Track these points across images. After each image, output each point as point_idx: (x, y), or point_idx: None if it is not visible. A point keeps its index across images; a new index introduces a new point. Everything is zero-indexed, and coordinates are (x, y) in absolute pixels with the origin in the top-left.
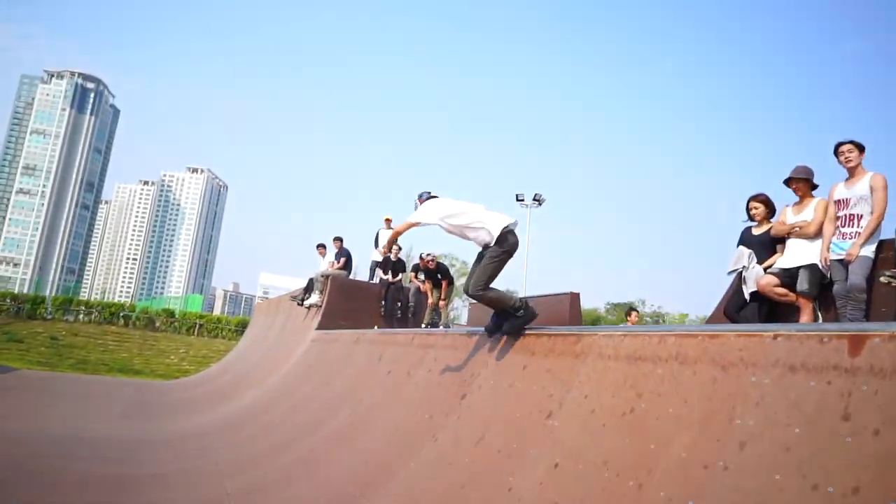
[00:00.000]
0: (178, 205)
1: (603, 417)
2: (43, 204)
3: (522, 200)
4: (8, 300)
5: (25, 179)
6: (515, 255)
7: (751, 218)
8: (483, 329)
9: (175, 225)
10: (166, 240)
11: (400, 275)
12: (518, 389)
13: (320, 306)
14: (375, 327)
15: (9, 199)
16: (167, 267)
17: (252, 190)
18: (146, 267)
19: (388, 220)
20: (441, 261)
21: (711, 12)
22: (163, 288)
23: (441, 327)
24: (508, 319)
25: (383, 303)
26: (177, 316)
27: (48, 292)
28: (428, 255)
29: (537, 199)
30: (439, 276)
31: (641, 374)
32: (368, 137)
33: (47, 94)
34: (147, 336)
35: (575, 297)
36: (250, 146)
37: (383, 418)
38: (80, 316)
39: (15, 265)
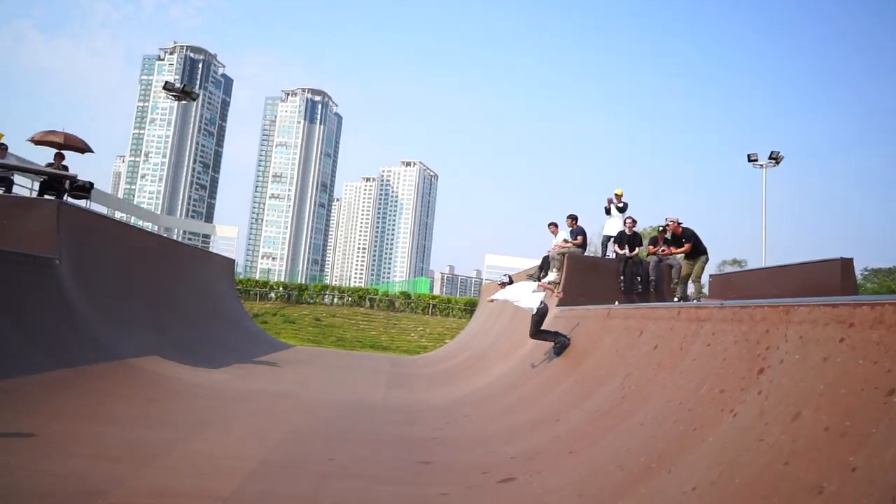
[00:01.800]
0: (397, 196)
1: None
2: (289, 206)
3: (756, 161)
4: (280, 288)
5: (275, 186)
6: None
7: None
8: (766, 301)
9: (395, 215)
10: (388, 229)
11: (636, 249)
12: (837, 364)
13: (558, 283)
14: (616, 303)
15: (264, 204)
16: (391, 253)
17: (459, 178)
18: (374, 254)
19: (618, 195)
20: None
21: None
22: (389, 273)
23: (693, 301)
24: None
25: (622, 278)
26: (412, 297)
27: (300, 280)
28: (672, 220)
29: (774, 158)
30: (684, 241)
31: None
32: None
33: (285, 111)
34: (389, 316)
35: (847, 264)
36: (455, 136)
37: (659, 392)
38: (335, 300)
39: (273, 258)
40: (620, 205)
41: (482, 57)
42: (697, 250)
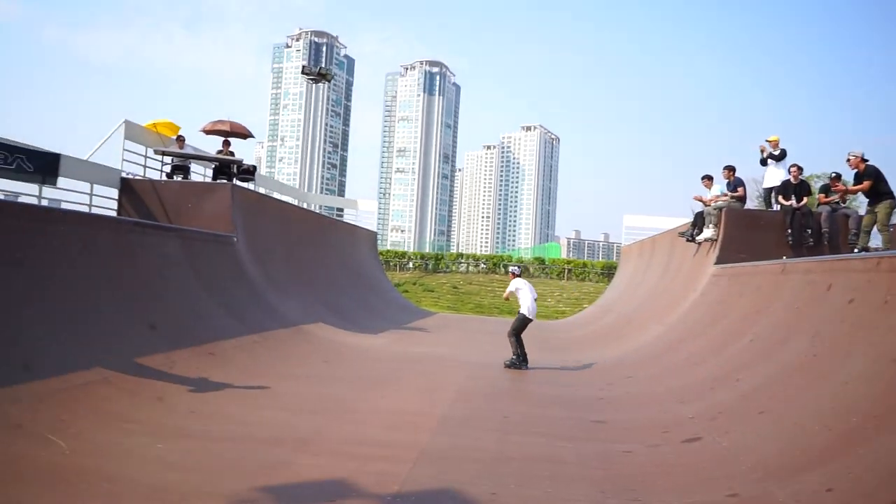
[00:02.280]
0: (518, 163)
1: None
2: (414, 179)
3: None
4: (417, 258)
5: (400, 160)
6: None
7: None
8: None
9: (517, 181)
10: (511, 196)
11: (805, 198)
12: None
13: (715, 240)
14: (784, 258)
15: (390, 179)
16: (515, 220)
17: (583, 139)
18: (498, 222)
19: (772, 142)
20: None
21: None
22: (514, 240)
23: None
24: None
25: (789, 231)
26: (546, 262)
27: (427, 251)
28: (855, 155)
29: None
30: (864, 179)
31: None
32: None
33: (405, 86)
34: None
35: None
36: (576, 96)
37: (863, 348)
38: (469, 267)
39: (401, 231)
40: (776, 152)
41: (601, 11)
42: (879, 193)
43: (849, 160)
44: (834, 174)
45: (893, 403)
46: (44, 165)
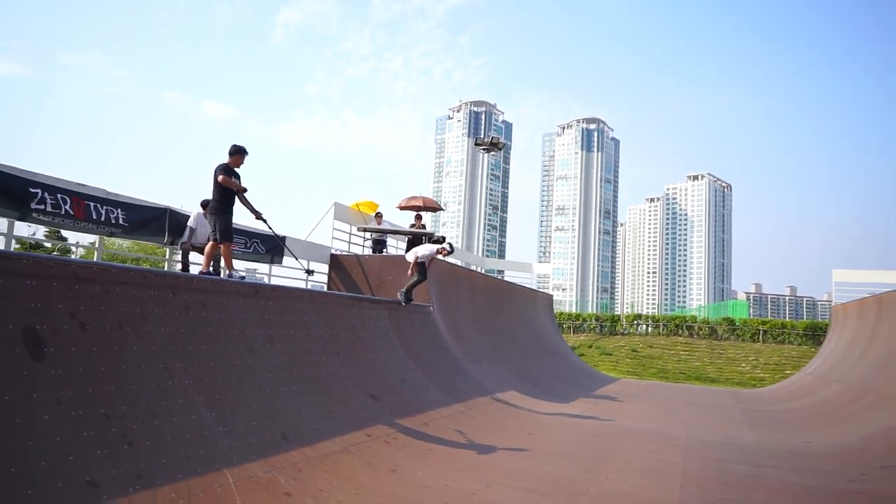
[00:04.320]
0: (685, 214)
1: None
2: (574, 236)
3: None
4: (593, 319)
5: (559, 218)
6: None
7: None
8: None
9: (686, 234)
10: (679, 249)
11: None
12: None
13: None
14: None
15: (550, 237)
16: (685, 275)
17: (759, 186)
18: (665, 278)
19: None
20: None
21: None
22: (684, 297)
23: None
24: None
25: None
26: (737, 323)
27: (590, 310)
28: None
29: None
30: None
31: None
32: None
33: (563, 144)
34: (713, 345)
35: None
36: (746, 141)
37: None
38: (649, 328)
39: (563, 290)
40: None
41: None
42: None
43: None
44: None
45: None
46: (273, 248)
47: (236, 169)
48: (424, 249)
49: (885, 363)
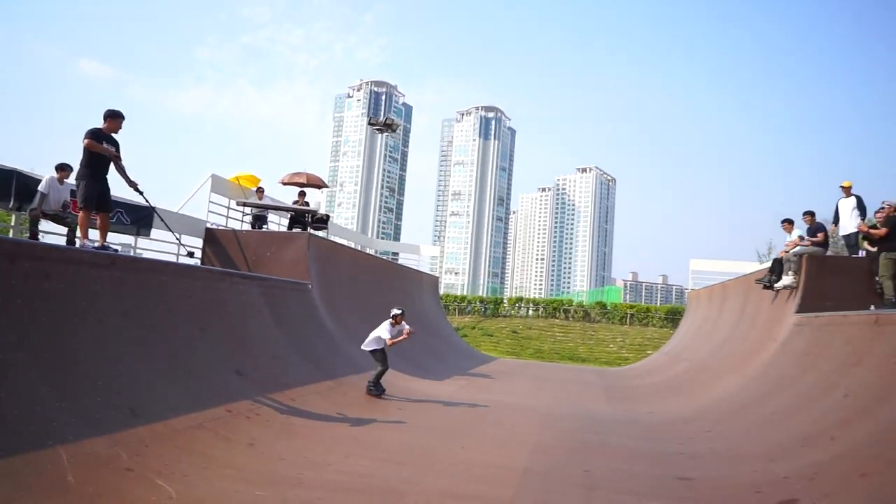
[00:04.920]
0: (573, 204)
1: None
2: (468, 222)
3: None
4: (477, 302)
5: (455, 203)
6: None
7: None
8: None
9: (573, 223)
10: (566, 238)
11: None
12: None
13: (795, 288)
14: (871, 307)
15: (446, 221)
16: (570, 262)
17: (640, 180)
18: (552, 264)
19: (845, 188)
20: None
21: None
22: (568, 282)
23: None
24: None
25: (878, 279)
26: (608, 308)
27: (480, 293)
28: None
29: None
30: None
31: None
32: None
33: (461, 131)
34: (585, 327)
35: None
36: (633, 137)
37: None
38: (530, 311)
39: (455, 274)
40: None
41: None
42: None
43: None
44: None
45: None
46: (139, 218)
47: (113, 135)
48: (384, 331)
49: (724, 343)
